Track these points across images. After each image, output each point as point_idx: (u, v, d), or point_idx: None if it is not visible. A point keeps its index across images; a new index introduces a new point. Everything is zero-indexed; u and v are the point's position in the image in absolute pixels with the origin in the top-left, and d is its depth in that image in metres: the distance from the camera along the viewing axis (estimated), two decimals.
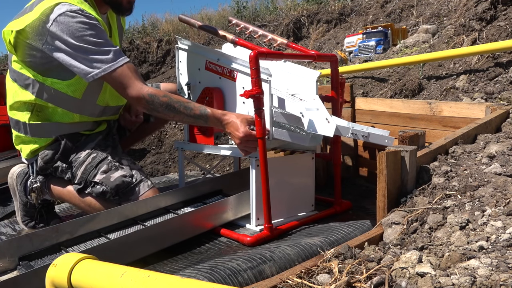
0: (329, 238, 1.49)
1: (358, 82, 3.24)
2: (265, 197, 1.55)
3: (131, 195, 1.80)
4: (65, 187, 1.90)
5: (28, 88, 1.80)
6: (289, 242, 1.49)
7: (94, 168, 1.83)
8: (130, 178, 1.82)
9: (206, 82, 1.88)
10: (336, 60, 1.83)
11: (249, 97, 1.49)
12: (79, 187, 1.84)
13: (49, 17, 1.65)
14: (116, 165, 1.85)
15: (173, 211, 1.77)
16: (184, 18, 2.18)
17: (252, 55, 1.47)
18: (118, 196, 1.81)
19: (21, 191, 1.97)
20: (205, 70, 1.87)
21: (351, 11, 5.71)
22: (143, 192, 1.81)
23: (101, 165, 1.83)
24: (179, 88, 2.01)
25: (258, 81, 1.49)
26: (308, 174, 1.84)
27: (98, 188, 1.80)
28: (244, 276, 1.25)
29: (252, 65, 1.47)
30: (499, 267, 0.79)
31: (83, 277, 1.00)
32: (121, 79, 1.67)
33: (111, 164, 1.84)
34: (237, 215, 1.72)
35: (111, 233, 1.59)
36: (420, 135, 1.55)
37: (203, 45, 1.97)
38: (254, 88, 1.49)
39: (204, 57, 1.88)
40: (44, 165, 1.89)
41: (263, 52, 1.51)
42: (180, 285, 0.81)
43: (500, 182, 1.18)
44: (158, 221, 1.69)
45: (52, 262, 1.06)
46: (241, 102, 1.74)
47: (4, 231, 1.96)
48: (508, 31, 2.61)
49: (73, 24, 1.65)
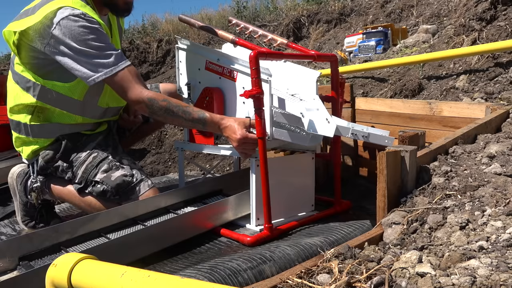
0: (329, 238, 1.49)
1: (358, 82, 3.24)
2: (265, 197, 1.55)
3: (131, 194, 1.81)
4: (66, 187, 1.91)
5: (29, 90, 1.82)
6: (289, 242, 1.49)
7: (95, 168, 1.84)
8: (131, 178, 1.82)
9: (206, 82, 1.87)
10: (336, 60, 1.83)
11: (249, 97, 1.49)
12: (80, 187, 1.85)
13: (53, 20, 1.67)
14: (117, 164, 1.85)
15: (173, 211, 1.77)
16: (184, 18, 2.18)
17: (252, 55, 1.47)
18: (119, 195, 1.81)
19: (21, 191, 1.98)
20: (205, 70, 1.87)
21: (351, 11, 5.71)
22: (143, 192, 1.82)
23: (101, 165, 1.84)
24: (179, 88, 2.00)
25: (258, 81, 1.49)
26: (308, 174, 1.84)
27: (98, 187, 1.80)
28: (244, 276, 1.25)
29: (252, 65, 1.47)
30: (499, 267, 0.79)
31: (83, 277, 1.01)
32: (122, 83, 1.69)
33: (112, 163, 1.85)
34: (237, 215, 1.71)
35: (111, 233, 1.59)
36: (420, 135, 1.56)
37: (203, 45, 1.94)
38: (254, 88, 1.49)
39: (204, 57, 1.87)
40: (45, 165, 1.89)
41: (263, 52, 1.51)
42: (180, 285, 0.81)
43: (500, 182, 1.18)
44: (158, 221, 1.69)
45: (52, 262, 1.06)
46: (241, 102, 1.74)
47: (4, 231, 1.96)
48: (508, 31, 2.61)
49: (76, 28, 1.66)
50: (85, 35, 1.67)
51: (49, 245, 1.47)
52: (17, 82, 1.85)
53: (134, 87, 1.68)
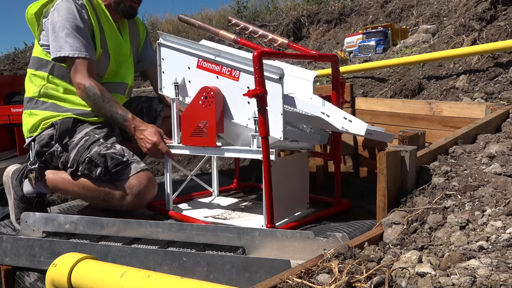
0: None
1: (358, 82, 3.24)
2: (268, 196, 1.54)
3: (122, 175, 1.87)
4: (60, 175, 1.99)
5: (41, 68, 2.06)
6: None
7: (86, 150, 1.91)
8: (121, 158, 1.87)
9: (198, 81, 1.77)
10: (337, 60, 1.83)
11: (252, 96, 1.47)
12: (72, 169, 1.92)
13: (54, 2, 2.01)
14: (108, 146, 1.92)
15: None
16: (183, 17, 2.17)
17: (256, 54, 1.45)
18: (109, 175, 1.86)
19: (16, 185, 2.00)
20: (197, 68, 1.78)
21: (351, 11, 5.71)
22: (134, 172, 1.87)
23: (92, 146, 1.92)
24: (161, 88, 1.91)
25: (262, 80, 1.47)
26: (304, 173, 1.85)
27: (88, 165, 1.87)
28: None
29: (256, 64, 1.46)
30: (499, 267, 0.79)
31: (83, 277, 1.01)
32: (77, 66, 1.96)
33: (103, 145, 1.92)
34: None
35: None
36: (420, 135, 1.55)
37: (193, 41, 1.87)
38: (257, 88, 1.47)
39: (195, 54, 1.78)
40: (40, 149, 1.99)
41: (267, 51, 1.51)
42: (179, 285, 0.81)
43: (500, 182, 1.18)
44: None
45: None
46: (245, 102, 1.67)
47: (4, 231, 1.96)
48: (508, 31, 2.61)
49: (65, 9, 1.96)
50: (72, 18, 1.96)
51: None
52: (31, 66, 2.10)
53: (83, 73, 1.94)
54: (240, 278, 1.25)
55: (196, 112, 1.74)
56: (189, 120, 1.77)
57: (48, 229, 1.68)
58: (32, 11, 2.07)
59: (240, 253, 1.37)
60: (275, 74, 1.53)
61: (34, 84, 2.08)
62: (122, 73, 2.21)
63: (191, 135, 1.79)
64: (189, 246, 1.46)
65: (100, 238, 1.60)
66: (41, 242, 1.59)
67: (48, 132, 2.01)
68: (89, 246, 1.51)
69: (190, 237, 1.46)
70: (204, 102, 1.72)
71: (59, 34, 1.95)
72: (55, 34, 1.96)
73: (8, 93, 3.92)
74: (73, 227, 1.63)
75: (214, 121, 1.69)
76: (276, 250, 1.35)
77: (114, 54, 2.14)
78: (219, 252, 1.40)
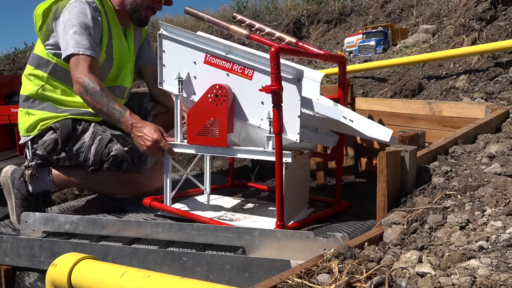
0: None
1: (358, 82, 3.24)
2: (279, 194, 1.52)
3: (144, 165, 2.07)
4: (73, 172, 2.08)
5: (41, 67, 2.06)
6: None
7: (104, 148, 2.02)
8: (140, 151, 1.96)
9: (205, 78, 1.69)
10: (345, 61, 1.83)
11: (269, 92, 1.45)
12: (94, 168, 2.03)
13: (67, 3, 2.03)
14: (126, 140, 2.04)
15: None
16: (191, 10, 2.08)
17: (274, 50, 1.43)
18: (134, 166, 2.05)
19: (20, 185, 2.00)
20: (205, 64, 1.69)
21: (351, 11, 5.71)
22: (150, 165, 2.09)
23: (111, 145, 2.03)
24: (161, 82, 1.82)
25: (279, 76, 1.45)
26: (306, 173, 1.86)
27: (113, 162, 2.01)
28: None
29: (273, 60, 1.43)
30: (499, 267, 0.79)
31: (83, 277, 1.01)
32: (78, 61, 1.94)
33: (121, 139, 2.04)
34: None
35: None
36: (420, 135, 1.55)
37: (200, 35, 1.79)
38: (274, 83, 1.45)
39: (203, 49, 1.69)
40: (47, 155, 2.04)
41: (284, 48, 1.49)
42: (179, 285, 0.81)
43: (500, 182, 1.18)
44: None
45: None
46: (258, 102, 1.61)
47: (4, 231, 1.96)
48: (508, 31, 2.61)
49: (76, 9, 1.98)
50: (83, 17, 1.97)
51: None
52: (30, 63, 2.10)
53: (84, 69, 1.92)
54: (240, 278, 1.25)
55: (205, 110, 1.65)
56: (197, 118, 1.68)
57: (48, 229, 1.68)
58: (42, 7, 2.06)
59: (240, 253, 1.37)
60: (294, 76, 1.51)
61: (32, 83, 2.08)
62: (122, 77, 2.21)
63: (198, 133, 1.71)
64: (189, 246, 1.46)
65: (100, 238, 1.61)
66: (41, 242, 1.59)
67: (51, 137, 2.03)
68: (89, 246, 1.51)
69: (190, 237, 1.46)
70: (215, 100, 1.64)
71: (68, 32, 1.95)
72: (65, 32, 1.96)
73: (8, 93, 3.92)
74: (73, 227, 1.64)
75: (226, 120, 1.62)
76: (276, 250, 1.35)
77: (117, 60, 2.14)
78: (219, 252, 1.41)
